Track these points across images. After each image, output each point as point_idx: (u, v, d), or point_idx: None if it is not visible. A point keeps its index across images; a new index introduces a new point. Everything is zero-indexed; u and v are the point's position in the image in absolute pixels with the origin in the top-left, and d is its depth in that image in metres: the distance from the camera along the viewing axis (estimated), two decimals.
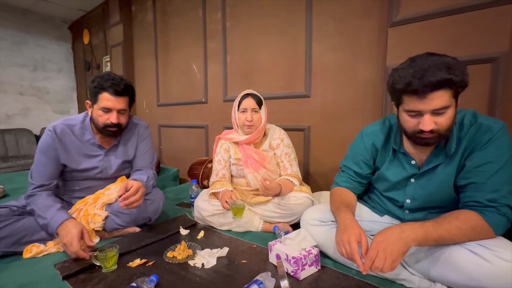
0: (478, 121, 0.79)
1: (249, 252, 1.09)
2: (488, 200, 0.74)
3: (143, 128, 1.41)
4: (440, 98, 0.71)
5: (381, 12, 1.40)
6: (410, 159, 0.89)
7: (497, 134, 0.75)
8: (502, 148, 0.75)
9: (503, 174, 0.74)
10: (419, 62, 0.72)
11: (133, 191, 1.06)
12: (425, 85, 0.70)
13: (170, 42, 2.56)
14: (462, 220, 0.75)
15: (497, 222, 0.74)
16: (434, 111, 0.73)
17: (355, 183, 1.03)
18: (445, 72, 0.69)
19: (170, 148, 2.77)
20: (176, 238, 1.22)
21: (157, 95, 2.77)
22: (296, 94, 1.76)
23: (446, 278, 0.78)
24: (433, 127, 0.74)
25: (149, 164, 1.37)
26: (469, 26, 1.13)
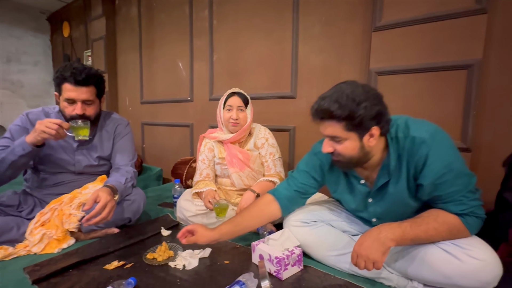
0: (410, 134, 0.78)
1: (232, 253, 1.08)
2: (461, 210, 0.76)
3: (122, 125, 1.36)
4: (330, 127, 0.77)
5: (365, 16, 1.43)
6: (360, 179, 0.90)
7: (433, 145, 0.75)
8: (444, 155, 0.75)
9: (460, 177, 0.75)
10: (332, 89, 0.78)
11: (98, 208, 0.99)
12: (315, 111, 0.78)
13: (155, 38, 2.49)
14: (440, 222, 0.77)
15: (473, 224, 0.77)
16: (330, 137, 0.80)
17: (295, 193, 1.00)
18: (332, 105, 0.74)
19: (153, 147, 2.70)
20: (157, 239, 1.19)
21: (140, 92, 2.70)
22: (282, 94, 1.77)
23: (422, 276, 0.81)
24: (331, 151, 0.82)
25: (129, 162, 1.32)
26: (446, 34, 1.18)
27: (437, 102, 1.25)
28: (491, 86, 1.16)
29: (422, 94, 1.27)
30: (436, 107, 1.25)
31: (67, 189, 1.24)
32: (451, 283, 0.76)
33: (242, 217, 0.98)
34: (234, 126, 1.31)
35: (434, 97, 1.25)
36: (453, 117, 1.21)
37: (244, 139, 1.38)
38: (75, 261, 0.96)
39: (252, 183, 1.33)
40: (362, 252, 0.76)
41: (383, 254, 0.75)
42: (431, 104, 1.26)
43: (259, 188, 1.22)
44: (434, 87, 1.24)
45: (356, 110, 0.72)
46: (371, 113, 0.73)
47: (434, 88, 1.24)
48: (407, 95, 1.30)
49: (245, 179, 1.33)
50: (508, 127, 1.13)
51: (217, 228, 0.95)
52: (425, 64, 1.24)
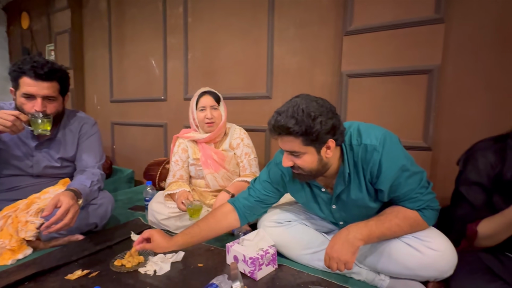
0: (362, 142, 0.81)
1: (206, 255, 1.06)
2: (418, 206, 0.81)
3: (88, 125, 1.28)
4: (289, 143, 0.78)
5: (337, 21, 1.48)
6: (320, 187, 0.92)
7: (383, 152, 0.78)
8: (394, 159, 0.78)
9: (411, 176, 0.79)
10: (287, 103, 0.78)
11: (60, 214, 0.92)
12: (272, 128, 0.78)
13: (126, 33, 2.38)
14: (401, 218, 0.81)
15: (430, 216, 0.82)
16: (290, 153, 0.80)
17: (255, 203, 1.00)
18: (290, 122, 0.73)
19: (124, 148, 2.57)
20: (126, 245, 1.12)
21: (110, 90, 2.55)
22: (257, 95, 1.77)
23: (388, 269, 0.85)
24: (291, 165, 0.82)
25: (95, 164, 1.24)
26: (409, 40, 1.26)
27: (402, 104, 1.32)
28: (449, 90, 1.26)
29: (389, 96, 1.35)
30: (401, 108, 1.33)
31: (23, 195, 1.13)
32: (413, 274, 0.81)
33: (199, 227, 0.96)
34: (210, 126, 1.29)
35: (399, 99, 1.33)
36: (416, 118, 1.29)
37: (219, 139, 1.36)
38: (31, 273, 0.88)
39: (227, 184, 1.31)
40: (333, 254, 0.78)
41: (353, 254, 0.77)
42: (397, 105, 1.33)
43: (234, 188, 1.21)
44: (399, 89, 1.32)
45: (312, 125, 0.73)
46: (327, 127, 0.74)
47: (399, 90, 1.32)
48: (375, 97, 1.37)
49: (220, 180, 1.31)
50: (465, 127, 1.23)
51: (173, 239, 0.93)
52: (391, 68, 1.31)
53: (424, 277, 0.81)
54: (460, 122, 1.25)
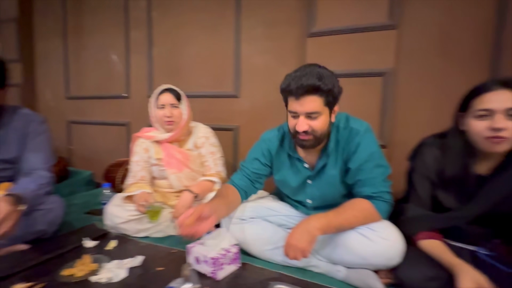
0: (349, 125, 0.92)
1: (167, 258, 1.02)
2: (373, 192, 0.88)
3: (36, 123, 1.16)
4: (312, 103, 0.82)
5: (302, 22, 1.52)
6: (303, 163, 0.99)
7: (364, 136, 0.89)
8: (369, 146, 0.89)
9: (377, 167, 0.89)
10: (301, 69, 0.84)
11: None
12: (298, 87, 0.80)
13: (84, 24, 2.21)
14: (358, 209, 0.88)
15: (382, 208, 0.89)
16: (308, 114, 0.83)
17: (248, 181, 1.04)
18: (316, 80, 0.80)
19: (83, 148, 2.39)
20: (79, 252, 1.04)
21: (66, 86, 2.35)
22: (225, 93, 1.76)
23: (344, 259, 0.90)
24: (307, 129, 0.84)
25: (43, 166, 1.13)
26: (366, 44, 1.33)
27: (361, 105, 1.40)
28: (402, 92, 1.35)
29: (349, 97, 1.38)
30: (360, 108, 1.39)
31: None
32: (366, 263, 0.87)
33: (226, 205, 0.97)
34: (170, 125, 1.24)
35: (358, 100, 1.40)
36: (373, 117, 1.37)
37: (183, 138, 1.32)
38: None
39: (192, 184, 1.28)
40: (292, 242, 0.82)
41: (310, 243, 0.81)
42: (356, 106, 1.40)
43: (198, 188, 1.18)
44: (358, 91, 1.39)
45: (335, 84, 0.83)
46: (340, 90, 0.86)
47: (358, 92, 1.39)
48: None
49: (184, 180, 1.27)
50: (416, 126, 1.33)
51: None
52: (350, 70, 1.38)
53: (376, 265, 0.87)
54: (412, 122, 1.36)
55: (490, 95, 0.73)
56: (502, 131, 0.71)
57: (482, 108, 0.74)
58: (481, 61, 1.20)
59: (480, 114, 0.74)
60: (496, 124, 0.71)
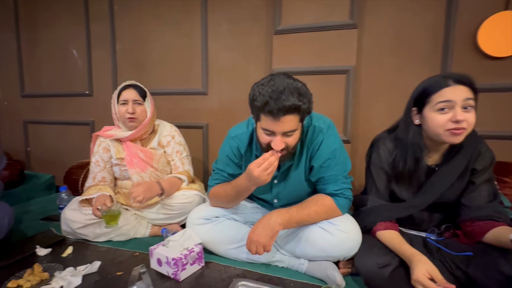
0: (312, 123, 0.91)
1: (128, 262, 0.98)
2: (335, 190, 0.91)
3: None
4: (291, 122, 0.77)
5: (267, 19, 1.52)
6: None
7: (327, 134, 0.90)
8: (331, 143, 0.90)
9: (338, 164, 0.91)
10: (277, 82, 0.76)
11: None
12: (279, 108, 0.73)
13: (38, 17, 2.04)
14: (320, 205, 0.89)
15: (343, 204, 0.91)
16: (285, 133, 0.79)
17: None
18: (296, 99, 0.74)
19: (42, 150, 2.22)
20: (30, 261, 0.97)
21: (20, 83, 2.17)
22: (193, 90, 1.72)
23: (306, 253, 0.92)
24: (283, 147, 0.81)
25: None
26: (329, 43, 1.37)
27: (326, 101, 1.43)
28: (363, 89, 1.41)
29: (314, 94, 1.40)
30: (325, 105, 1.43)
31: None
32: (326, 255, 0.89)
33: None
34: (132, 122, 1.19)
35: (324, 97, 1.43)
36: (337, 114, 1.42)
37: (146, 136, 1.27)
38: None
39: None
40: (254, 237, 0.83)
41: (271, 238, 0.82)
42: (322, 102, 1.43)
43: (167, 183, 1.14)
44: (323, 88, 1.43)
45: (311, 100, 0.80)
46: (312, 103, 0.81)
47: (323, 89, 1.43)
48: None
49: (147, 179, 1.23)
50: (376, 121, 1.40)
51: None
52: (315, 68, 1.41)
53: (335, 257, 0.90)
54: (372, 117, 1.42)
55: (449, 89, 0.76)
56: (462, 122, 0.75)
57: (443, 100, 0.77)
58: (432, 59, 1.28)
59: (441, 107, 0.77)
60: (458, 116, 0.75)
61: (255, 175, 0.79)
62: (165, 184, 1.13)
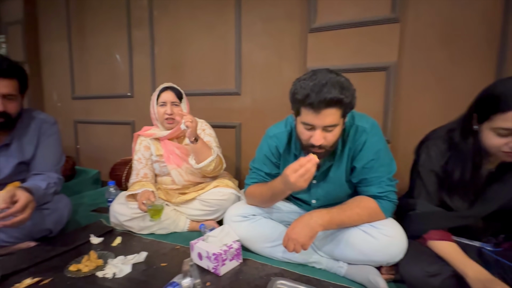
0: (355, 123, 0.89)
1: (171, 254, 1.04)
2: (379, 192, 0.87)
3: (48, 124, 1.17)
4: (332, 116, 0.75)
5: (302, 17, 1.50)
6: None
7: (370, 134, 0.87)
8: (376, 143, 0.87)
9: (383, 165, 0.87)
10: (319, 77, 0.76)
11: (19, 207, 0.86)
12: (320, 100, 0.73)
13: (87, 25, 2.23)
14: (362, 207, 0.86)
15: (388, 207, 0.88)
16: (325, 127, 0.78)
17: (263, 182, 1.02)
18: (339, 92, 0.73)
19: (89, 148, 2.43)
20: (85, 249, 1.07)
21: (71, 86, 2.39)
22: (226, 91, 1.76)
23: (346, 256, 0.89)
24: (322, 143, 0.79)
25: (53, 167, 1.15)
26: (368, 39, 1.31)
27: (363, 99, 1.35)
28: (405, 85, 1.33)
29: None
30: (362, 103, 1.34)
31: None
32: (368, 259, 0.86)
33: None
34: (170, 123, 1.26)
35: (362, 95, 1.34)
36: (376, 112, 1.35)
37: (181, 135, 1.33)
38: None
39: (192, 179, 1.30)
40: (292, 235, 0.81)
41: (311, 238, 0.81)
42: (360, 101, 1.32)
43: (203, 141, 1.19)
44: (360, 86, 1.34)
45: (354, 95, 0.78)
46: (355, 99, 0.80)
47: (360, 86, 1.33)
48: None
49: (185, 175, 1.29)
50: (420, 119, 1.31)
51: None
52: (352, 65, 1.36)
53: (378, 262, 0.86)
54: (416, 115, 1.33)
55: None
56: None
57: (506, 128, 0.69)
58: (487, 53, 1.17)
59: (502, 134, 0.70)
60: None
61: (291, 181, 0.76)
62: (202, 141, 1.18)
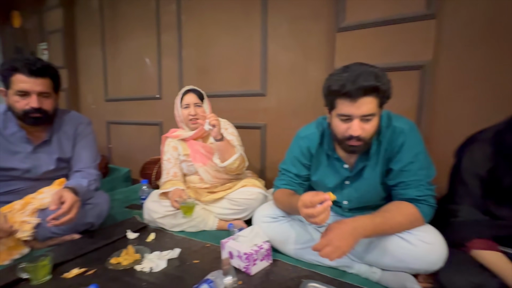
0: (392, 124, 0.87)
1: (202, 252, 1.07)
2: (418, 196, 0.84)
3: (84, 124, 1.27)
4: (369, 104, 0.76)
5: (329, 16, 1.48)
6: (343, 163, 0.95)
7: (409, 135, 0.84)
8: (415, 146, 0.84)
9: (422, 169, 0.84)
10: (353, 68, 0.78)
11: (66, 208, 0.94)
12: (358, 88, 0.74)
13: (119, 31, 2.36)
14: (404, 215, 0.82)
15: (427, 212, 0.84)
16: (363, 117, 0.78)
17: (296, 185, 1.03)
18: (374, 80, 0.75)
19: (120, 147, 2.57)
20: (123, 243, 1.14)
21: (105, 89, 2.54)
22: (252, 92, 1.78)
23: (381, 262, 0.87)
24: (361, 134, 0.79)
25: (91, 164, 1.24)
26: (401, 37, 1.26)
27: (395, 100, 1.29)
28: (442, 85, 1.26)
29: None
30: (394, 104, 1.30)
31: (21, 197, 1.13)
32: (405, 267, 0.83)
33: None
34: (194, 123, 1.32)
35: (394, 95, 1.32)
36: (409, 113, 1.30)
37: (206, 134, 1.38)
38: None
39: (219, 176, 1.34)
40: (336, 242, 0.74)
41: (351, 247, 0.76)
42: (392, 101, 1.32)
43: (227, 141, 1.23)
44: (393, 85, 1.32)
45: (390, 84, 0.79)
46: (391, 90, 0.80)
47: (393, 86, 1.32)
48: None
49: (211, 172, 1.33)
50: (458, 121, 1.24)
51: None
52: (384, 65, 1.31)
53: (415, 269, 0.83)
54: (453, 116, 1.26)
55: None
56: None
57: None
58: None
59: None
60: None
61: (301, 214, 0.77)
62: (226, 140, 1.23)
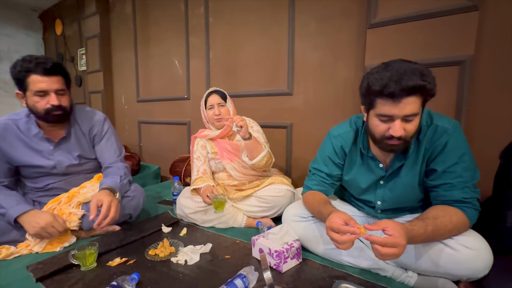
0: (433, 122, 0.83)
1: (232, 248, 1.10)
2: (464, 198, 0.80)
3: (98, 123, 1.30)
4: (413, 104, 0.72)
5: (360, 13, 1.45)
6: (378, 163, 0.92)
7: (453, 135, 0.80)
8: (459, 146, 0.80)
9: (468, 170, 0.80)
10: (395, 66, 0.73)
11: (104, 211, 1.01)
12: (402, 88, 0.70)
13: (150, 35, 2.48)
14: (454, 223, 0.77)
15: (473, 216, 0.80)
16: (405, 117, 0.74)
17: (327, 185, 1.02)
18: (420, 79, 0.70)
19: (150, 145, 2.70)
20: (158, 236, 1.20)
21: (136, 90, 2.68)
22: (279, 91, 1.78)
23: (418, 266, 0.84)
24: (402, 134, 0.75)
25: (117, 158, 1.31)
26: (439, 31, 1.20)
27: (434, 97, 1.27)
28: (484, 81, 1.19)
29: None
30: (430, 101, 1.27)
31: (59, 190, 1.23)
32: (444, 272, 0.80)
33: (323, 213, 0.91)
34: (219, 121, 1.36)
35: None
36: (446, 111, 1.23)
37: (232, 133, 1.42)
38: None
39: (246, 172, 1.37)
40: (401, 250, 0.67)
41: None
42: None
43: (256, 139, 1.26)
44: None
45: (435, 82, 0.73)
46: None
47: None
48: None
49: (239, 168, 1.36)
50: (501, 121, 1.16)
51: None
52: (418, 61, 1.23)
53: (456, 276, 0.79)
54: (496, 115, 1.18)
55: None
56: None
57: None
58: None
59: None
60: None
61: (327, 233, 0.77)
62: (254, 138, 1.25)
